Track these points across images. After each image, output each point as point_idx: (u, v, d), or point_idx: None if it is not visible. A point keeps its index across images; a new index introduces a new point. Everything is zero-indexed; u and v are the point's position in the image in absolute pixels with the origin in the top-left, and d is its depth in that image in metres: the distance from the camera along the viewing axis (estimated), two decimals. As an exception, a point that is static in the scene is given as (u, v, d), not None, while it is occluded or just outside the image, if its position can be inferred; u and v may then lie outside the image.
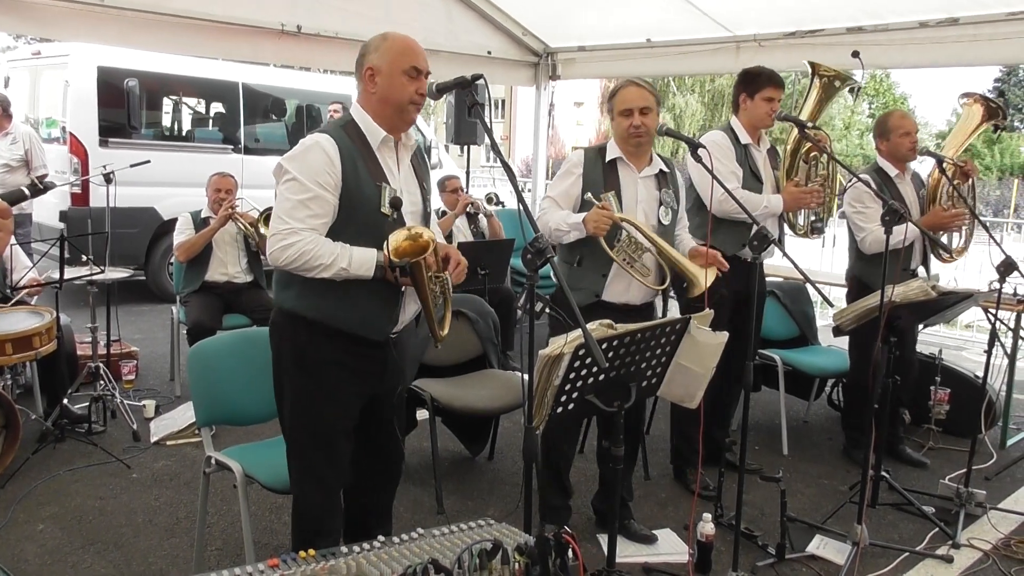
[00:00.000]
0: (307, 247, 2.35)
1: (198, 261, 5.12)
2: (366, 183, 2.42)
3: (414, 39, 2.55)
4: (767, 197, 3.83)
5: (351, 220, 2.42)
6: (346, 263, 2.37)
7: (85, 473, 3.92)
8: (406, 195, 2.52)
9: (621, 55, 7.60)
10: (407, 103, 2.49)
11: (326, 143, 2.39)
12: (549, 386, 2.42)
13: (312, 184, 2.36)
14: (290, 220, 2.37)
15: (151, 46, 6.07)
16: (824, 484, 4.14)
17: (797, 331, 4.99)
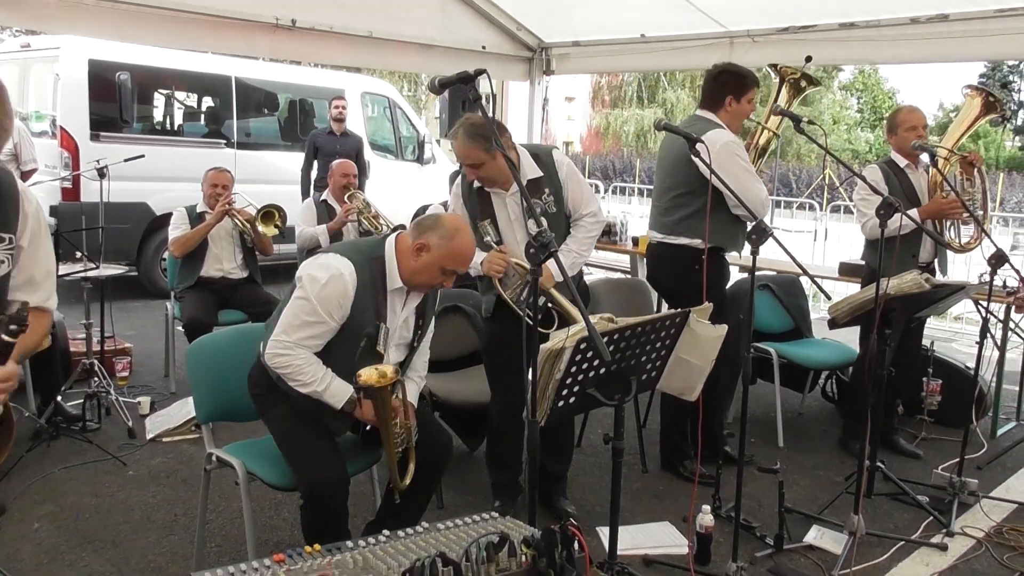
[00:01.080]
0: (296, 363, 2.63)
1: (193, 257, 5.09)
2: (368, 320, 2.69)
3: (474, 247, 2.79)
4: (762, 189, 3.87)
5: (342, 343, 2.69)
6: (322, 388, 2.66)
7: (80, 471, 3.90)
8: (398, 332, 2.80)
9: (615, 50, 7.60)
10: (427, 287, 2.78)
11: (348, 279, 2.62)
12: (551, 379, 2.43)
13: (324, 313, 2.62)
14: (293, 335, 2.63)
15: (143, 39, 6.05)
16: (820, 475, 4.17)
17: (791, 324, 5.01)
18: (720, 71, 3.90)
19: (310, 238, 5.52)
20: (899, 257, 3.81)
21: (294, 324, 2.63)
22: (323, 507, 2.62)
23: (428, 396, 3.67)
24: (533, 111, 8.39)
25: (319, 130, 8.09)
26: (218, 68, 8.28)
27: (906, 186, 4.23)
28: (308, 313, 2.62)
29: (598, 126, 40.51)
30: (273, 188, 7.71)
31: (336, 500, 2.62)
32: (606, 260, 8.83)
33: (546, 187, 3.33)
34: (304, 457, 2.66)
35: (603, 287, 4.62)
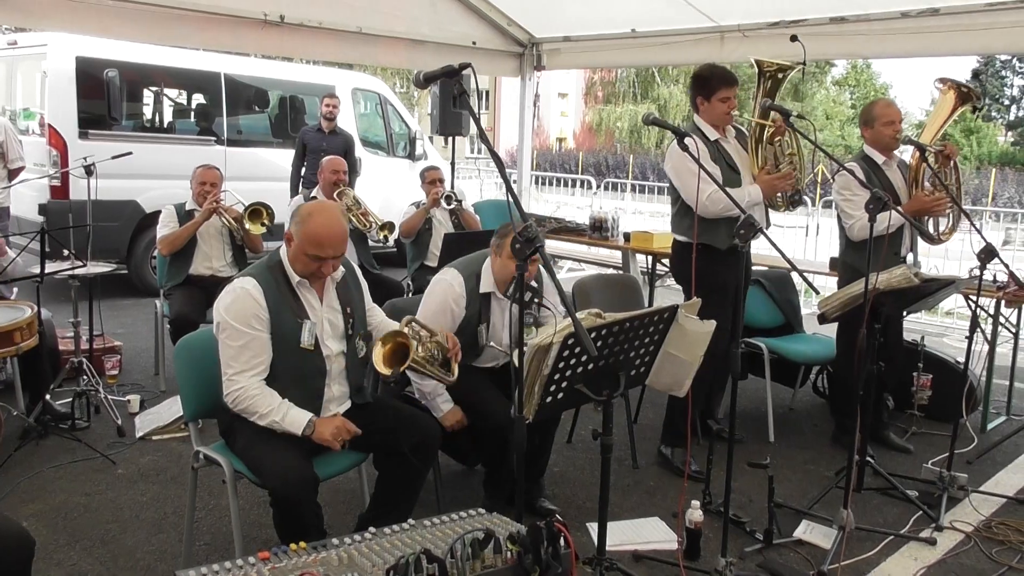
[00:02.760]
0: (250, 394, 2.69)
1: (182, 254, 5.07)
2: (288, 321, 2.76)
3: (337, 226, 2.81)
4: (747, 190, 3.88)
5: (279, 353, 2.75)
6: (279, 418, 2.69)
7: (69, 469, 3.88)
8: (327, 323, 2.86)
9: (606, 46, 7.61)
10: (308, 276, 2.82)
11: (252, 288, 2.73)
12: (539, 376, 2.42)
13: (244, 328, 2.70)
14: (234, 365, 2.70)
15: (131, 36, 6.02)
16: (810, 470, 4.18)
17: (782, 319, 5.02)
18: (692, 75, 4.08)
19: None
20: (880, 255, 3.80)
21: (229, 355, 2.72)
22: (291, 507, 2.60)
23: None
24: (524, 107, 8.39)
25: (309, 127, 8.06)
26: (207, 65, 8.21)
27: (883, 182, 4.16)
28: (234, 338, 2.71)
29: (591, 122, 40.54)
30: (263, 185, 7.68)
31: (304, 499, 2.60)
32: (598, 256, 8.84)
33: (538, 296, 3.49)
34: (268, 459, 2.64)
35: (594, 283, 4.61)
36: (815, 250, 8.91)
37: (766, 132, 4.00)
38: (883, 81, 42.15)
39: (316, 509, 2.67)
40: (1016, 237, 11.24)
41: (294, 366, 2.78)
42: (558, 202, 15.62)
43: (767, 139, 4.01)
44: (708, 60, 6.75)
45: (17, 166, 6.58)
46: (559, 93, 40.70)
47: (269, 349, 2.74)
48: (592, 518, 3.41)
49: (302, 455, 2.70)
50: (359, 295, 3.04)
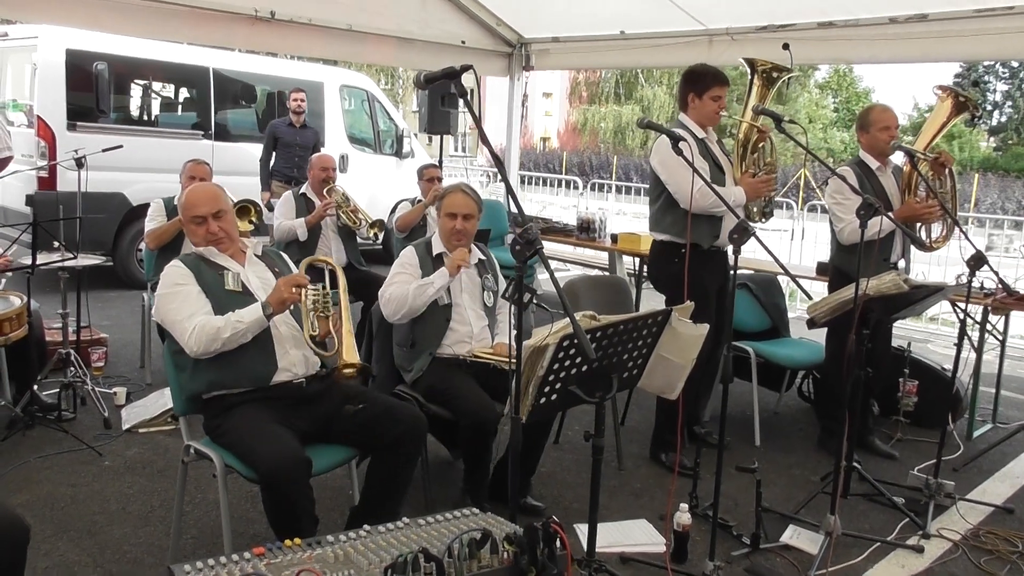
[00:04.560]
0: (200, 323, 2.79)
1: (169, 249, 4.98)
2: (209, 274, 2.95)
3: (202, 188, 3.12)
4: (731, 190, 3.90)
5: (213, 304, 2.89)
6: (237, 316, 2.80)
7: (56, 460, 3.85)
8: (255, 278, 3.04)
9: (594, 47, 7.62)
10: (204, 244, 3.01)
11: (173, 263, 2.98)
12: (533, 376, 2.42)
13: (175, 288, 2.88)
14: (182, 321, 2.82)
15: (121, 30, 5.97)
16: (796, 474, 4.20)
17: (769, 323, 5.04)
18: (684, 72, 4.11)
19: (288, 231, 5.48)
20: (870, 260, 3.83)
21: (173, 315, 2.85)
22: (283, 490, 2.59)
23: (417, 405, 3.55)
24: (513, 107, 8.38)
25: (279, 121, 8.05)
26: (196, 59, 8.18)
27: (877, 188, 4.19)
28: (169, 300, 2.87)
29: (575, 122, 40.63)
30: (250, 180, 7.65)
31: (297, 480, 2.59)
32: (584, 257, 8.85)
33: (490, 271, 3.78)
34: (258, 444, 2.64)
35: (583, 284, 4.62)
36: (800, 254, 8.98)
37: (752, 137, 4.03)
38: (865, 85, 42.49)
39: (309, 492, 2.65)
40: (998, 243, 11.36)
41: (231, 310, 2.85)
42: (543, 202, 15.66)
43: (752, 145, 4.04)
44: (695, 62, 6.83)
45: (5, 156, 6.45)
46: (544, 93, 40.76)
47: (205, 299, 2.87)
48: (579, 519, 3.41)
49: (291, 438, 2.70)
50: (288, 270, 3.18)
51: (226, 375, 2.85)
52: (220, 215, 3.00)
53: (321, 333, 2.95)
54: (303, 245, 5.40)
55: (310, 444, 2.83)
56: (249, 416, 2.78)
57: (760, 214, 4.11)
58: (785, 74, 4.09)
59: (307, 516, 2.63)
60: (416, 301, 3.47)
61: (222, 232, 3.00)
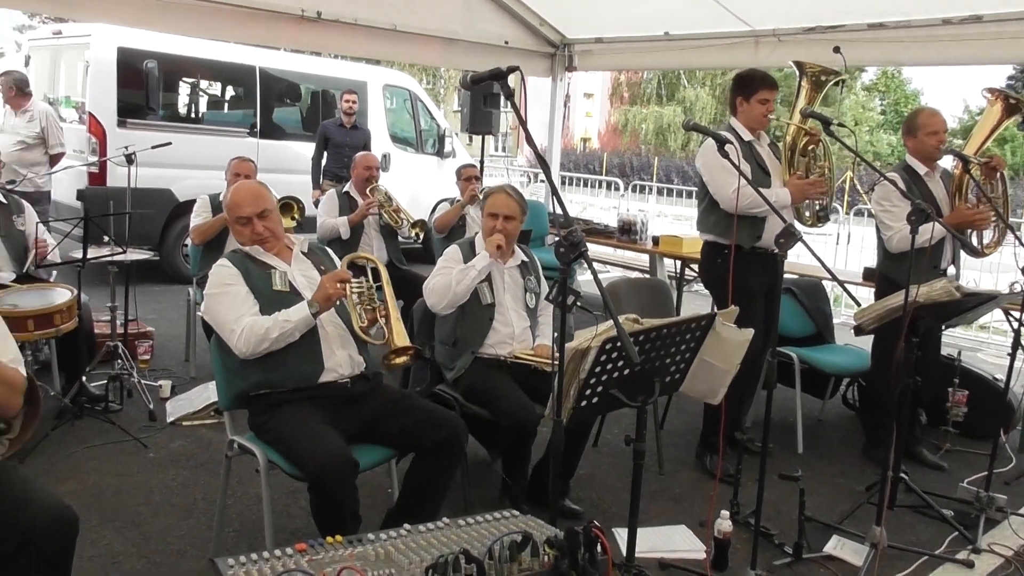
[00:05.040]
0: (248, 324, 2.81)
1: (214, 244, 5.08)
2: (257, 273, 2.97)
3: (246, 187, 3.11)
4: (775, 191, 3.89)
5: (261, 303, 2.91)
6: (284, 316, 2.82)
7: (102, 451, 3.93)
8: (301, 276, 3.05)
9: (638, 48, 7.57)
10: (249, 244, 3.03)
11: (221, 262, 2.99)
12: (575, 379, 2.41)
13: (224, 288, 2.90)
14: (229, 318, 2.84)
15: (171, 28, 6.08)
16: (840, 483, 4.13)
17: (813, 329, 4.96)
18: (734, 77, 4.17)
19: (331, 229, 5.53)
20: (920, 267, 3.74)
21: (222, 316, 2.87)
22: (331, 491, 2.61)
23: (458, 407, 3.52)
24: (555, 108, 8.36)
25: (330, 121, 8.14)
26: (243, 58, 8.30)
27: (925, 193, 4.10)
28: (218, 300, 2.89)
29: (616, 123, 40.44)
30: (294, 178, 7.74)
31: (343, 481, 2.61)
32: (624, 259, 8.80)
33: (533, 273, 3.80)
34: (305, 444, 2.67)
35: (625, 287, 4.58)
36: (845, 259, 8.82)
37: (800, 140, 3.99)
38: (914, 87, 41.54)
39: (354, 492, 2.67)
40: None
41: (279, 310, 2.86)
42: (583, 203, 15.61)
43: (801, 148, 4.01)
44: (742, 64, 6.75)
45: (57, 151, 6.70)
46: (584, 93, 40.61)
47: (254, 299, 2.89)
48: (618, 523, 3.38)
49: (338, 439, 2.72)
50: (333, 266, 3.20)
51: (273, 375, 2.88)
52: (265, 215, 3.01)
53: (368, 323, 3.00)
54: (346, 243, 5.45)
55: (353, 444, 2.84)
56: (296, 415, 2.80)
57: (815, 218, 4.07)
58: (834, 77, 4.04)
59: (351, 515, 2.65)
60: (459, 286, 3.49)
61: (267, 232, 3.02)
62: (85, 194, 7.02)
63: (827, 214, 4.14)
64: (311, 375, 2.91)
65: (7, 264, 4.39)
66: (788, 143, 4.04)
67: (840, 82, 4.27)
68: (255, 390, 2.90)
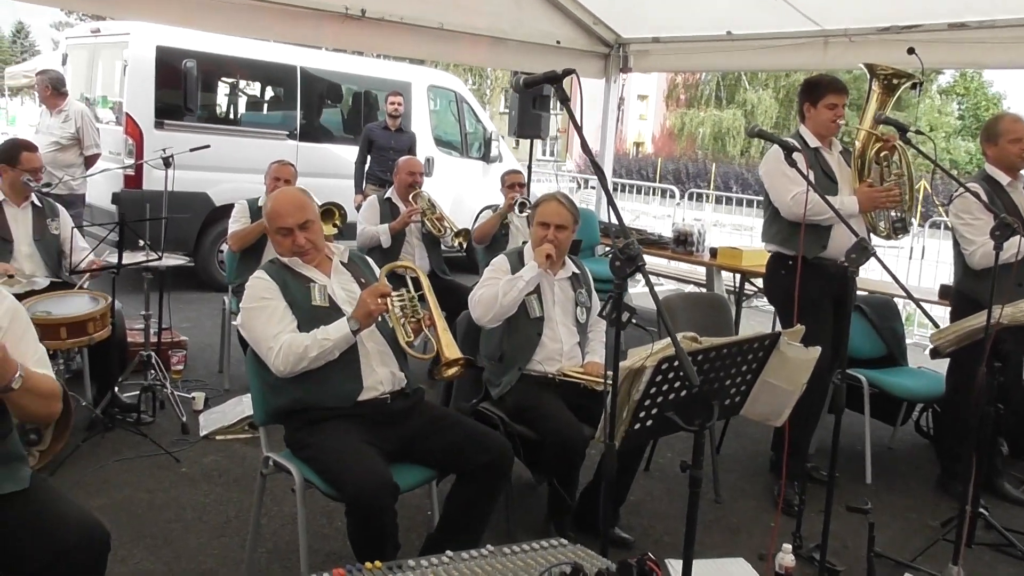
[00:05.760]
0: (286, 343, 2.83)
1: (252, 251, 5.16)
2: (296, 287, 2.98)
3: (288, 195, 3.11)
4: (841, 199, 3.85)
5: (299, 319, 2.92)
6: (323, 334, 2.83)
7: (134, 464, 4.01)
8: (341, 290, 3.06)
9: (698, 48, 7.53)
10: (289, 255, 3.03)
11: (259, 273, 3.02)
12: (628, 400, 2.39)
13: (262, 302, 2.92)
14: (268, 335, 2.86)
15: (212, 27, 6.19)
16: (912, 518, 4.04)
17: (884, 349, 4.86)
18: (802, 82, 4.20)
19: (371, 237, 5.57)
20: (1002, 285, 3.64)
21: (259, 333, 2.89)
22: (371, 515, 2.62)
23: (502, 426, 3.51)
24: (608, 111, 8.34)
25: (375, 124, 8.20)
26: (283, 58, 8.41)
27: (1008, 205, 3.99)
28: (255, 316, 2.91)
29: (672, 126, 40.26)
30: (335, 183, 7.83)
31: (384, 506, 2.62)
32: (679, 271, 8.73)
33: (584, 286, 3.78)
34: (344, 466, 2.68)
35: (680, 302, 4.53)
36: (919, 275, 8.62)
37: (872, 147, 3.94)
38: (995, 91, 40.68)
39: (394, 517, 2.68)
40: None
41: (317, 326, 2.88)
42: (635, 211, 15.53)
43: (873, 156, 3.95)
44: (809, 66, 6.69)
45: (92, 153, 6.86)
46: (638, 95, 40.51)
47: (292, 315, 2.92)
48: (670, 553, 3.35)
49: (379, 460, 2.73)
50: (373, 277, 3.22)
51: (310, 393, 2.89)
52: (307, 226, 3.00)
53: (414, 336, 3.02)
54: (386, 252, 5.48)
55: (392, 463, 2.86)
56: (335, 432, 2.82)
57: (891, 229, 4.00)
58: (908, 80, 3.98)
59: (390, 541, 2.67)
60: (506, 298, 3.49)
61: (308, 244, 3.01)
62: (120, 197, 7.19)
63: (905, 226, 4.07)
64: (350, 394, 2.92)
65: (41, 269, 4.50)
66: (859, 150, 4.00)
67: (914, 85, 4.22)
68: (292, 407, 2.93)
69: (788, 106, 34.41)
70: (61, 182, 6.19)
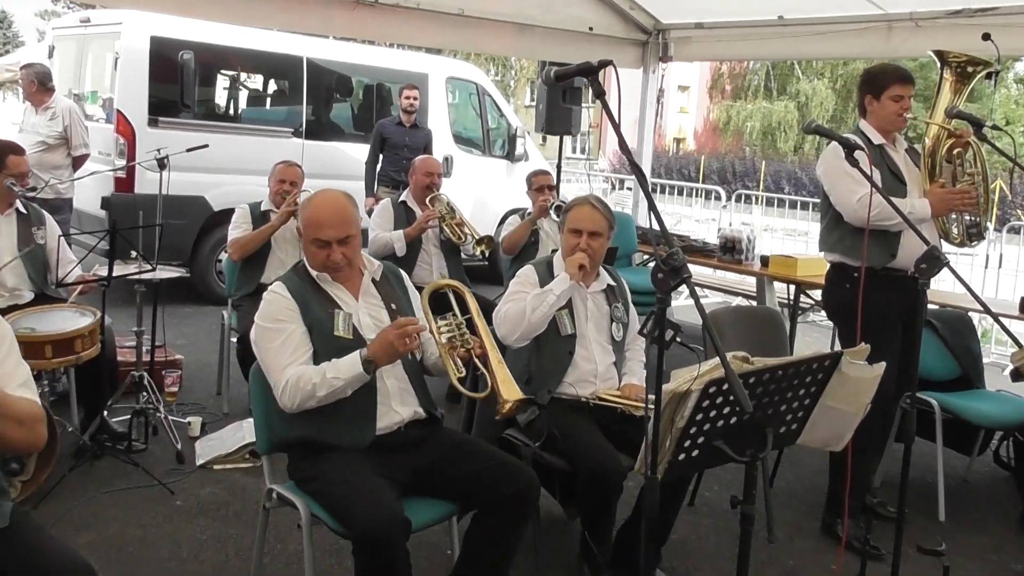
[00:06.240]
0: (294, 378, 2.82)
1: (254, 261, 5.21)
2: (317, 312, 2.96)
3: (333, 204, 3.01)
4: (910, 202, 3.81)
5: (317, 349, 2.92)
6: (333, 372, 2.81)
7: (125, 496, 4.04)
8: (367, 317, 3.03)
9: (746, 34, 7.53)
10: (320, 269, 3.01)
11: (277, 288, 2.99)
12: (671, 427, 2.38)
13: (277, 324, 2.91)
14: (279, 367, 2.86)
15: (211, 15, 6.26)
16: (992, 560, 3.99)
17: (958, 370, 4.82)
18: (862, 73, 4.18)
19: (384, 245, 5.59)
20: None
21: (271, 359, 2.89)
22: (379, 553, 2.62)
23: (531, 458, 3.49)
24: (646, 104, 8.34)
25: (388, 120, 8.24)
26: (288, 48, 8.46)
27: None
28: (270, 339, 2.91)
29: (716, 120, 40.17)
30: (344, 184, 7.81)
31: (394, 544, 2.62)
32: (726, 282, 8.69)
33: (620, 299, 3.76)
34: (352, 499, 2.69)
35: (728, 316, 4.51)
36: (996, 286, 8.52)
37: (944, 144, 3.90)
38: (1083, 79, 40.20)
39: (406, 556, 2.69)
40: None
41: (337, 357, 2.87)
42: (676, 214, 15.50)
43: (944, 153, 3.92)
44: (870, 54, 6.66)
45: (81, 153, 6.92)
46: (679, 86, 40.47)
47: (308, 342, 2.92)
48: None
49: (389, 493, 2.74)
50: (406, 299, 3.19)
51: (317, 430, 2.90)
52: (347, 241, 2.97)
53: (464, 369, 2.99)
54: (401, 260, 5.49)
55: (407, 496, 2.86)
56: (344, 465, 2.82)
57: (965, 235, 3.97)
58: (983, 69, 3.95)
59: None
60: (535, 314, 3.48)
61: (344, 261, 2.99)
62: (111, 202, 7.25)
63: (980, 231, 4.03)
64: (359, 439, 2.92)
65: (25, 283, 4.54)
66: (928, 147, 3.96)
67: (989, 74, 4.19)
68: (297, 441, 2.94)
69: (847, 97, 34.21)
70: (47, 185, 6.24)
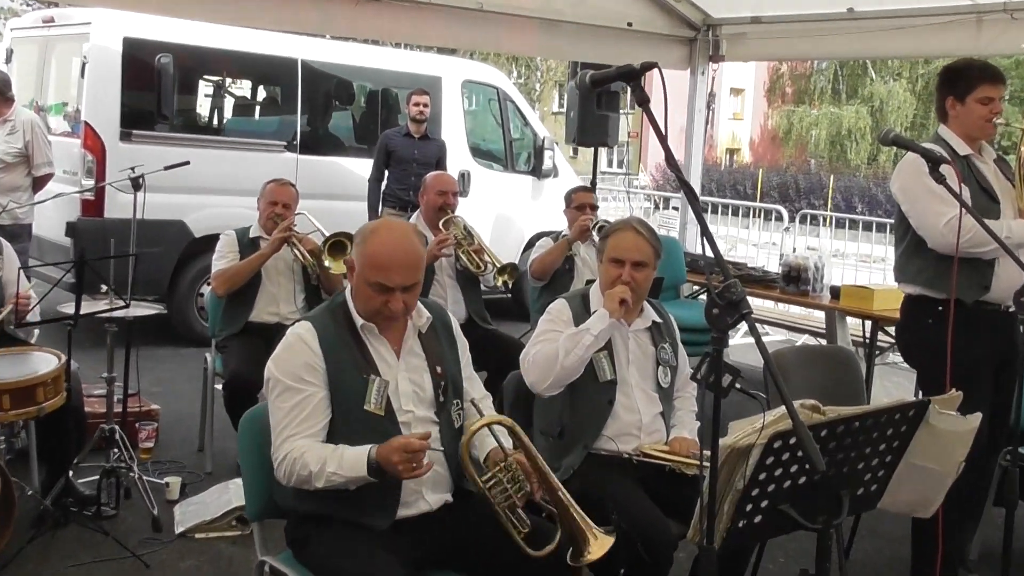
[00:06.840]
0: (295, 455, 2.74)
1: (242, 296, 5.23)
2: (349, 374, 2.86)
3: (405, 243, 2.90)
4: (1005, 224, 3.79)
5: (339, 416, 2.85)
6: (335, 467, 2.70)
7: (92, 571, 4.04)
8: (407, 382, 2.93)
9: (809, 30, 7.56)
10: (373, 314, 2.90)
11: (304, 332, 2.87)
12: (730, 489, 2.38)
13: (297, 384, 2.81)
14: (284, 431, 2.79)
15: (192, 14, 6.32)
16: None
17: (1067, 421, 4.77)
18: (940, 72, 4.14)
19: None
20: None
21: (279, 419, 2.82)
22: None
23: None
24: (694, 110, 8.37)
25: (394, 130, 8.30)
26: (281, 50, 8.50)
27: None
28: (285, 397, 2.82)
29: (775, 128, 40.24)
30: (344, 205, 7.94)
31: None
32: (791, 317, 8.67)
33: (668, 338, 3.74)
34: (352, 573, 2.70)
35: (793, 357, 4.49)
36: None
37: None
38: None
39: None
40: None
41: (358, 435, 2.80)
42: (731, 238, 15.50)
43: None
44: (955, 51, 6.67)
45: (44, 172, 6.97)
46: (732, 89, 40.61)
47: (326, 409, 2.84)
48: None
49: (402, 569, 2.73)
50: (453, 354, 3.12)
51: (327, 506, 2.83)
52: (412, 289, 2.88)
53: None
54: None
55: (424, 570, 2.86)
56: (349, 534, 2.81)
57: None
58: None
59: None
60: (569, 357, 3.44)
61: (405, 310, 2.89)
62: (77, 228, 7.28)
63: None
64: (377, 523, 2.84)
65: (-23, 321, 4.57)
66: (1023, 156, 3.95)
67: None
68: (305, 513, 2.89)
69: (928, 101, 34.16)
70: (4, 210, 6.29)
